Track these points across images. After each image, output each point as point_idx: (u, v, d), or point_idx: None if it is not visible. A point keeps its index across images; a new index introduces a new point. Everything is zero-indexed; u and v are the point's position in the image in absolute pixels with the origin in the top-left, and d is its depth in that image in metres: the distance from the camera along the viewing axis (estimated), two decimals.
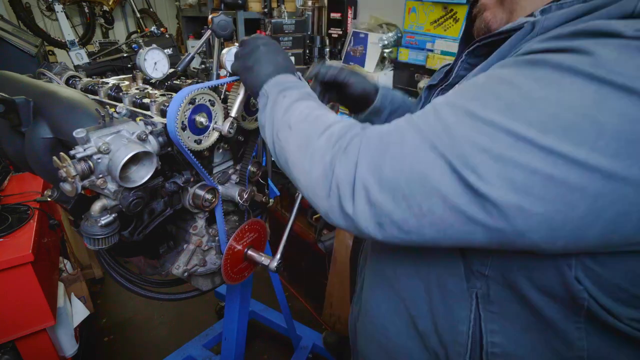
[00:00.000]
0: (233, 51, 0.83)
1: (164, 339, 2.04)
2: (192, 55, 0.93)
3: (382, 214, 0.42)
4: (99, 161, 0.60)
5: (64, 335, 1.46)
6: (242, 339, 1.29)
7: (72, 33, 2.42)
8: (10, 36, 1.84)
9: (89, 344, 1.96)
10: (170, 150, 0.71)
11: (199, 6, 3.27)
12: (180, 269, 0.86)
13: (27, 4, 3.63)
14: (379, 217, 0.42)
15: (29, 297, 1.23)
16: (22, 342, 1.28)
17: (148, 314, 2.20)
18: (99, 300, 2.28)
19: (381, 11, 2.28)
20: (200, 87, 0.70)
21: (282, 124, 0.56)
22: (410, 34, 1.98)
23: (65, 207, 0.68)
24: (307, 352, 1.81)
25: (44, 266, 1.36)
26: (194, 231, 0.86)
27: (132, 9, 4.30)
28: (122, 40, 3.76)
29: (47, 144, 0.67)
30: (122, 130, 0.64)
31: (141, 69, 0.87)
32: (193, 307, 2.22)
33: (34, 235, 1.24)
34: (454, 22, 1.81)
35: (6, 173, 1.59)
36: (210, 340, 1.84)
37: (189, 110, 0.69)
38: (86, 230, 0.62)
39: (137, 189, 0.65)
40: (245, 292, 1.21)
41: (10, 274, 1.17)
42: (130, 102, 0.81)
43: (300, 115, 0.55)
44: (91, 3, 4.08)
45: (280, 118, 0.57)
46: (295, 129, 0.54)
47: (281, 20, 2.44)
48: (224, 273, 0.88)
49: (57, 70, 0.95)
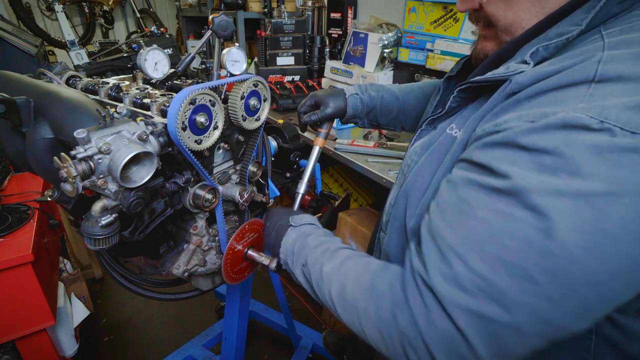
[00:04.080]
0: (233, 51, 0.83)
1: (164, 339, 2.04)
2: (193, 55, 0.93)
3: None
4: (100, 161, 0.59)
5: (64, 335, 1.46)
6: (242, 339, 1.29)
7: (72, 33, 2.42)
8: (10, 36, 1.84)
9: (89, 344, 1.96)
10: (170, 150, 0.71)
11: (199, 6, 3.27)
12: (181, 269, 0.86)
13: (27, 4, 3.63)
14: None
15: (29, 297, 1.23)
16: (22, 342, 1.28)
17: (148, 314, 2.20)
18: (99, 300, 2.28)
19: (381, 11, 2.28)
20: (201, 88, 0.70)
21: (321, 294, 0.61)
22: (410, 34, 1.98)
23: (65, 207, 0.68)
24: (307, 352, 1.81)
25: (44, 266, 1.36)
26: (194, 231, 0.86)
27: (132, 9, 4.30)
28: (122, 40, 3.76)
29: (48, 144, 0.67)
30: (123, 130, 0.64)
31: (142, 69, 0.87)
32: (193, 307, 2.22)
33: (34, 235, 1.24)
34: (454, 22, 1.81)
35: (6, 173, 1.59)
36: (210, 340, 1.84)
37: (189, 111, 0.69)
38: (87, 230, 0.62)
39: (137, 189, 0.65)
40: (245, 292, 1.21)
41: (10, 274, 1.17)
42: (131, 102, 0.81)
43: (341, 291, 0.57)
44: (91, 3, 4.08)
45: (318, 288, 0.62)
46: (341, 309, 0.57)
47: (281, 20, 2.44)
48: (224, 273, 0.88)
49: (57, 70, 0.95)
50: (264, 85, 0.85)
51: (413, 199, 0.60)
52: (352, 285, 0.55)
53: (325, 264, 0.61)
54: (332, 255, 0.62)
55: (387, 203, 0.70)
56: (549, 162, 0.38)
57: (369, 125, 1.03)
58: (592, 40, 0.46)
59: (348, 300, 0.55)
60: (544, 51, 0.48)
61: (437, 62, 1.84)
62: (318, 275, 0.61)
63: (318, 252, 0.64)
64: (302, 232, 0.71)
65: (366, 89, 0.97)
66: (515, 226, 0.40)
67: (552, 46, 0.48)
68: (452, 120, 0.60)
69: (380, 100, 0.97)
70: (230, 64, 0.83)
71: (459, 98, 0.60)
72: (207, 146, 0.75)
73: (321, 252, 0.63)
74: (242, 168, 0.92)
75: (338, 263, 0.59)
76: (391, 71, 2.14)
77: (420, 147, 0.63)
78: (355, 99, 0.95)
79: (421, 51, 1.93)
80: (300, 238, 0.70)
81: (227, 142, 0.86)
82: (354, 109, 0.95)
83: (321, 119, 0.93)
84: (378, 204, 2.26)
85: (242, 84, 0.80)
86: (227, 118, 0.81)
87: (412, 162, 0.63)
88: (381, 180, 1.49)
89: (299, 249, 0.68)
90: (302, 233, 0.70)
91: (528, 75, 0.46)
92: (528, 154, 0.40)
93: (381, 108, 0.98)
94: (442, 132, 0.60)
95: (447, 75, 0.75)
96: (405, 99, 0.98)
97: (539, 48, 0.48)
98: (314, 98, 0.96)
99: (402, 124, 1.02)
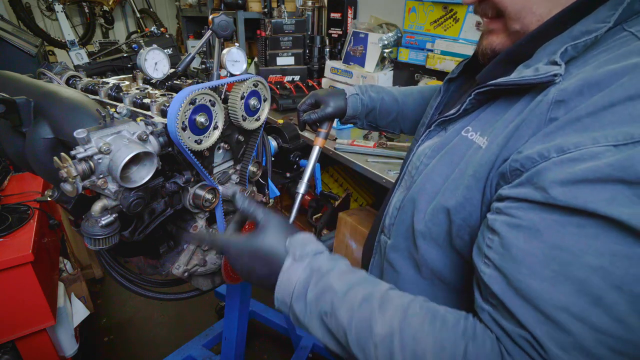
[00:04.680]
0: (233, 51, 0.83)
1: (164, 339, 2.04)
2: (193, 55, 0.93)
3: None
4: (100, 161, 0.59)
5: (64, 335, 1.46)
6: (242, 339, 1.29)
7: (72, 33, 2.42)
8: (10, 36, 1.84)
9: (89, 344, 1.96)
10: (170, 150, 0.71)
11: (199, 6, 3.27)
12: (181, 269, 0.86)
13: (27, 4, 3.63)
14: None
15: (29, 297, 1.23)
16: (22, 342, 1.28)
17: (148, 314, 2.20)
18: (99, 300, 2.28)
19: (381, 11, 2.28)
20: (201, 88, 0.70)
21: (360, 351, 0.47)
22: (410, 34, 1.98)
23: (65, 207, 0.68)
24: (307, 352, 1.81)
25: (44, 266, 1.36)
26: (194, 231, 0.87)
27: (132, 9, 4.30)
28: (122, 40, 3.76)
29: (48, 144, 0.67)
30: (123, 130, 0.64)
31: (142, 69, 0.87)
32: (193, 307, 2.22)
33: (34, 235, 1.24)
34: (454, 22, 1.81)
35: (6, 173, 1.59)
36: (210, 340, 1.84)
37: (189, 111, 0.69)
38: (87, 230, 0.62)
39: (137, 189, 0.65)
40: (245, 292, 1.21)
41: (10, 274, 1.17)
42: (131, 102, 0.81)
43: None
44: (91, 3, 4.08)
45: (355, 344, 0.47)
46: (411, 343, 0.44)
47: (281, 20, 2.44)
48: (224, 273, 0.88)
49: (57, 70, 0.95)
50: (264, 85, 0.86)
51: (422, 202, 0.57)
52: (433, 355, 0.43)
53: (376, 319, 0.46)
54: (382, 307, 0.47)
55: (390, 205, 0.67)
56: None
57: (367, 127, 1.03)
58: (620, 38, 0.44)
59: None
60: (572, 50, 0.45)
61: (437, 62, 1.84)
62: (365, 334, 0.47)
63: (354, 301, 0.49)
64: (315, 268, 0.53)
65: (366, 89, 0.97)
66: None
67: (580, 45, 0.45)
68: (466, 123, 0.57)
69: (380, 102, 0.97)
70: (230, 64, 0.83)
71: (475, 100, 0.56)
72: (207, 146, 0.75)
73: (360, 302, 0.48)
74: (242, 168, 0.92)
75: (398, 320, 0.46)
76: (391, 71, 2.14)
77: (431, 149, 0.60)
78: (355, 99, 0.95)
79: (421, 51, 1.93)
80: (314, 276, 0.52)
81: (227, 142, 0.86)
82: (354, 109, 0.95)
83: (321, 118, 0.93)
84: (378, 204, 2.26)
85: (242, 84, 0.80)
86: (227, 118, 0.81)
87: (421, 164, 0.60)
88: (381, 180, 1.49)
89: (317, 295, 0.51)
90: (314, 270, 0.53)
91: (573, 82, 0.42)
92: (628, 187, 0.35)
93: (380, 110, 0.98)
94: (455, 135, 0.57)
95: (447, 77, 0.74)
96: (404, 102, 0.98)
97: (568, 48, 0.45)
98: (314, 97, 0.96)
99: (400, 126, 1.02)
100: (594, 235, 0.37)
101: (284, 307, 0.54)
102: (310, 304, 0.51)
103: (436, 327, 0.45)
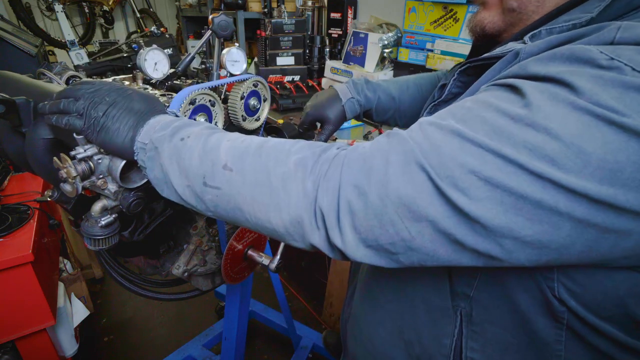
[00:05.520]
0: (233, 51, 0.83)
1: (164, 339, 2.04)
2: (193, 55, 0.93)
3: (369, 240, 0.41)
4: (100, 162, 0.60)
5: (64, 335, 1.46)
6: (242, 339, 1.30)
7: (72, 33, 2.42)
8: (10, 36, 1.84)
9: (89, 344, 1.96)
10: None
11: (199, 6, 3.27)
12: (181, 269, 0.86)
13: (27, 4, 3.63)
14: (366, 242, 0.41)
15: (29, 297, 1.23)
16: (22, 342, 1.28)
17: (148, 314, 2.20)
18: (99, 300, 2.28)
19: (381, 11, 2.28)
20: (201, 88, 0.70)
21: (207, 169, 0.48)
22: (410, 34, 1.98)
23: (65, 207, 0.68)
24: (307, 352, 1.81)
25: (44, 266, 1.36)
26: (194, 231, 0.87)
27: (132, 9, 4.30)
28: (122, 40, 3.76)
29: (48, 144, 0.67)
30: None
31: (141, 69, 0.87)
32: (193, 307, 2.22)
33: (34, 235, 1.24)
34: (454, 22, 1.81)
35: (6, 173, 1.59)
36: (210, 340, 1.84)
37: (189, 111, 0.69)
38: (86, 230, 0.62)
39: (137, 189, 0.65)
40: (245, 292, 1.21)
41: (10, 274, 1.17)
42: None
43: (236, 150, 0.48)
44: (91, 3, 4.08)
45: (199, 164, 0.49)
46: (240, 167, 0.47)
47: (281, 20, 2.44)
48: (224, 273, 0.89)
49: (57, 70, 0.95)
50: (264, 85, 0.86)
51: None
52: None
53: (224, 138, 0.50)
54: (238, 137, 0.51)
55: None
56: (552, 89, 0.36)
57: (364, 122, 1.04)
58: (605, 26, 0.44)
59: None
60: (546, 34, 0.46)
61: (437, 62, 1.84)
62: (213, 149, 0.49)
63: (215, 138, 0.51)
64: (187, 122, 0.55)
65: (362, 88, 0.95)
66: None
67: (556, 30, 0.45)
68: None
69: (377, 102, 0.97)
70: (230, 64, 0.83)
71: (459, 82, 0.57)
72: None
73: (219, 137, 0.51)
74: None
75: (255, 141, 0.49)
76: (391, 71, 2.14)
77: None
78: (352, 104, 0.94)
79: (421, 51, 1.93)
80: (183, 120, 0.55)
81: None
82: (352, 112, 0.95)
83: (328, 137, 0.94)
84: None
85: (242, 84, 0.80)
86: (227, 118, 0.81)
87: None
88: None
89: (180, 127, 0.53)
90: (186, 122, 0.55)
91: (537, 45, 0.43)
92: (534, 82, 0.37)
93: (377, 109, 0.98)
94: None
95: (441, 82, 0.73)
96: (401, 100, 0.98)
97: (542, 31, 0.46)
98: (311, 115, 0.93)
99: (397, 122, 1.02)
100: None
101: (145, 138, 0.53)
102: (171, 132, 0.52)
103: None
